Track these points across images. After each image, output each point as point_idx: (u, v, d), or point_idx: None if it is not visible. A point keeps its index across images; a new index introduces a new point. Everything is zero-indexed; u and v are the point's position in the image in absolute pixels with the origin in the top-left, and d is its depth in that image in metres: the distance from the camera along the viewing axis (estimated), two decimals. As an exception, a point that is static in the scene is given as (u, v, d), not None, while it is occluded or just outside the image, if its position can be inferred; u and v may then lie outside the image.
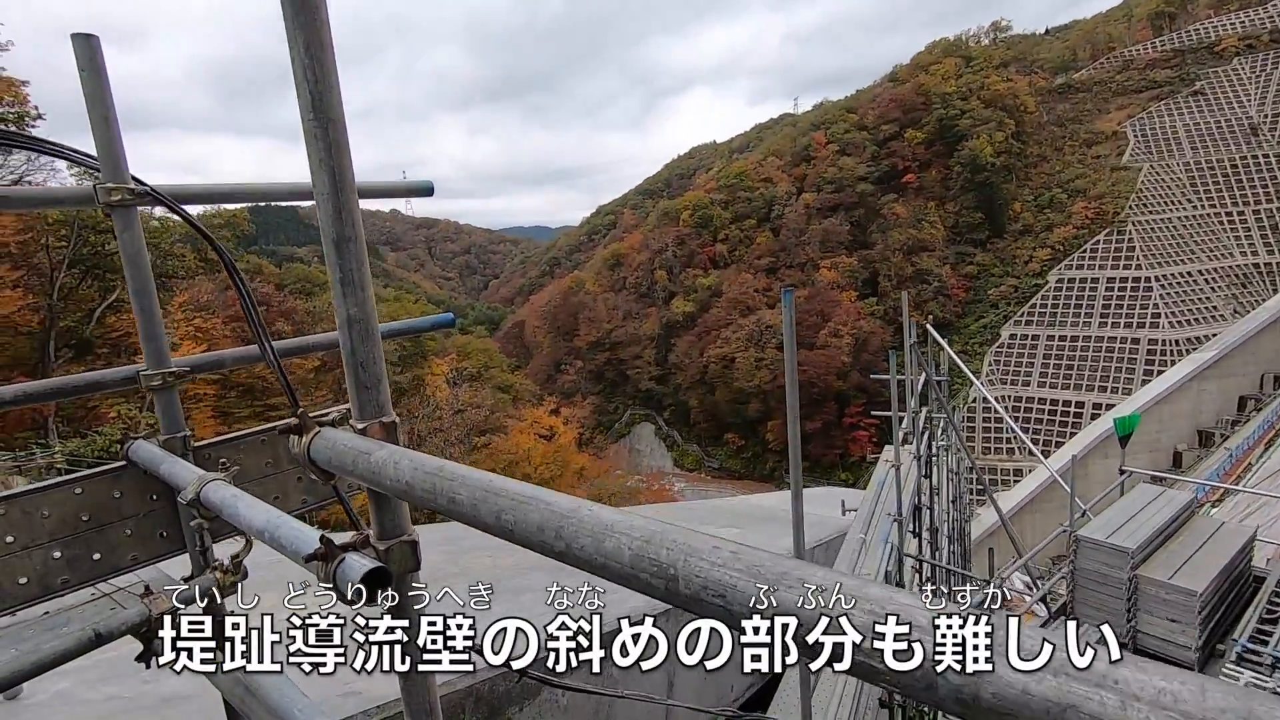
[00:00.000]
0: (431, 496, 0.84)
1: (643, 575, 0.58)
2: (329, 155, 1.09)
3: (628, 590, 0.76)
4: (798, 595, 0.49)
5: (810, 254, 72.85)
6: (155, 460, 1.87)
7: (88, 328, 28.61)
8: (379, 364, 1.15)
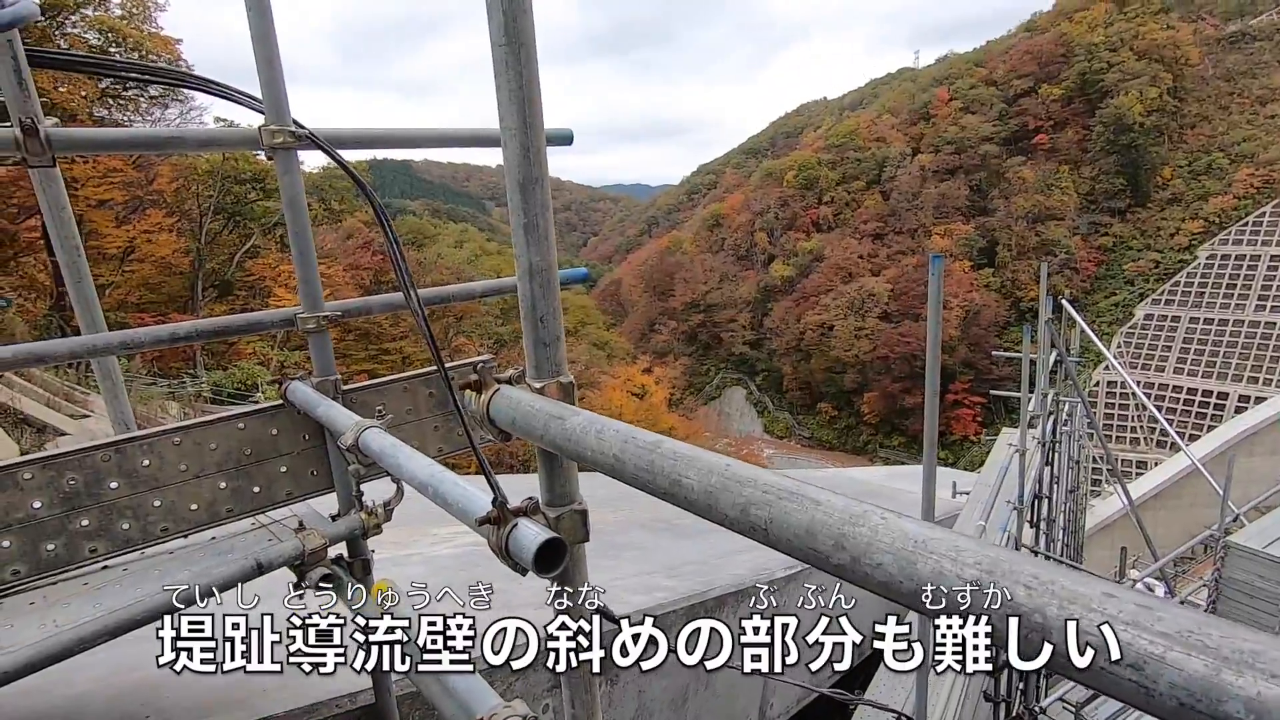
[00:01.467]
0: (649, 475, 0.74)
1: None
2: (520, 86, 0.99)
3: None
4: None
5: (922, 220, 68.69)
6: (312, 402, 1.91)
7: (229, 271, 31.23)
8: (558, 319, 1.06)
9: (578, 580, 1.17)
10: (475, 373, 1.07)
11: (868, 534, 0.53)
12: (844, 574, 0.55)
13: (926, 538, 0.50)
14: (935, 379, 3.27)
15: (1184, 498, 22.78)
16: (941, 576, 0.48)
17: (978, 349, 54.77)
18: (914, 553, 0.50)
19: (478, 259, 63.56)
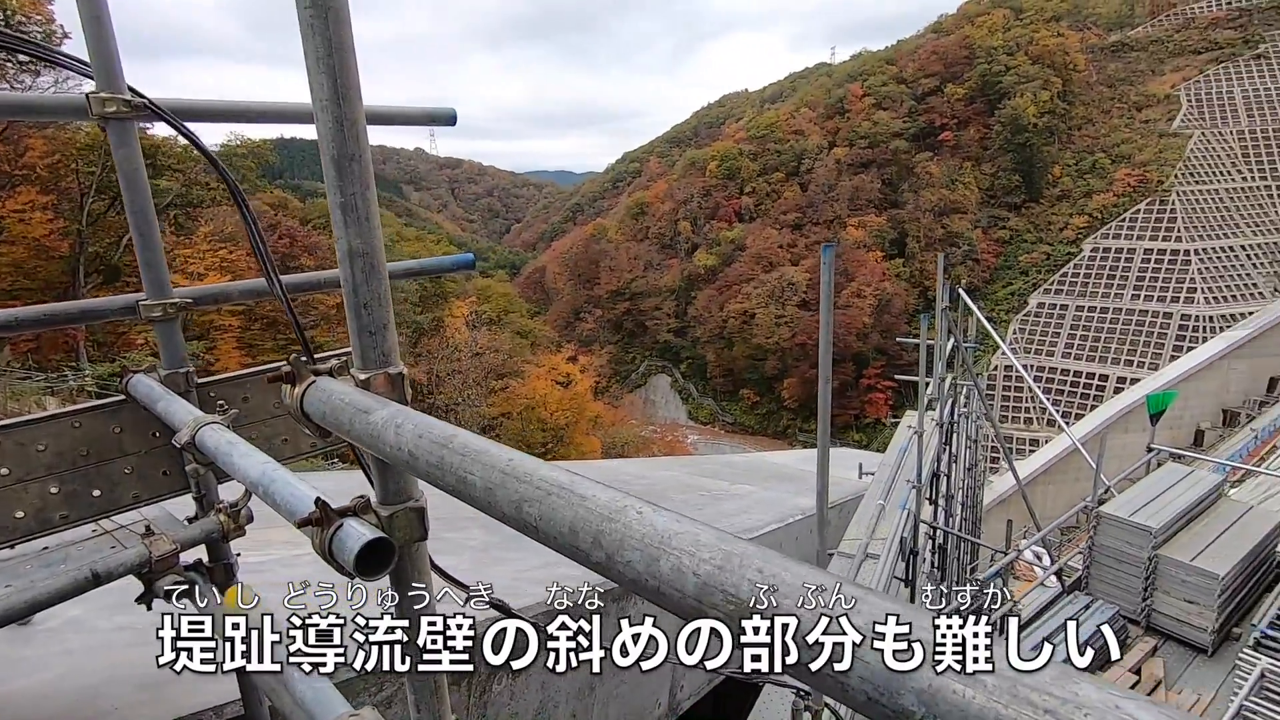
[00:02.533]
0: (438, 472, 0.69)
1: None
2: (329, 53, 0.91)
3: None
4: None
5: (838, 211, 71.13)
6: (153, 397, 1.76)
7: (116, 254, 28.84)
8: (386, 306, 0.99)
9: (418, 580, 1.11)
10: (288, 364, 0.99)
11: (621, 530, 0.50)
12: (604, 572, 0.52)
13: (672, 533, 0.48)
14: (828, 364, 3.36)
15: (1069, 473, 24.69)
16: (679, 573, 0.46)
17: (889, 335, 57.34)
18: (659, 549, 0.48)
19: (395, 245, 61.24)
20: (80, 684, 2.30)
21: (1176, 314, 46.94)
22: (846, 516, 9.15)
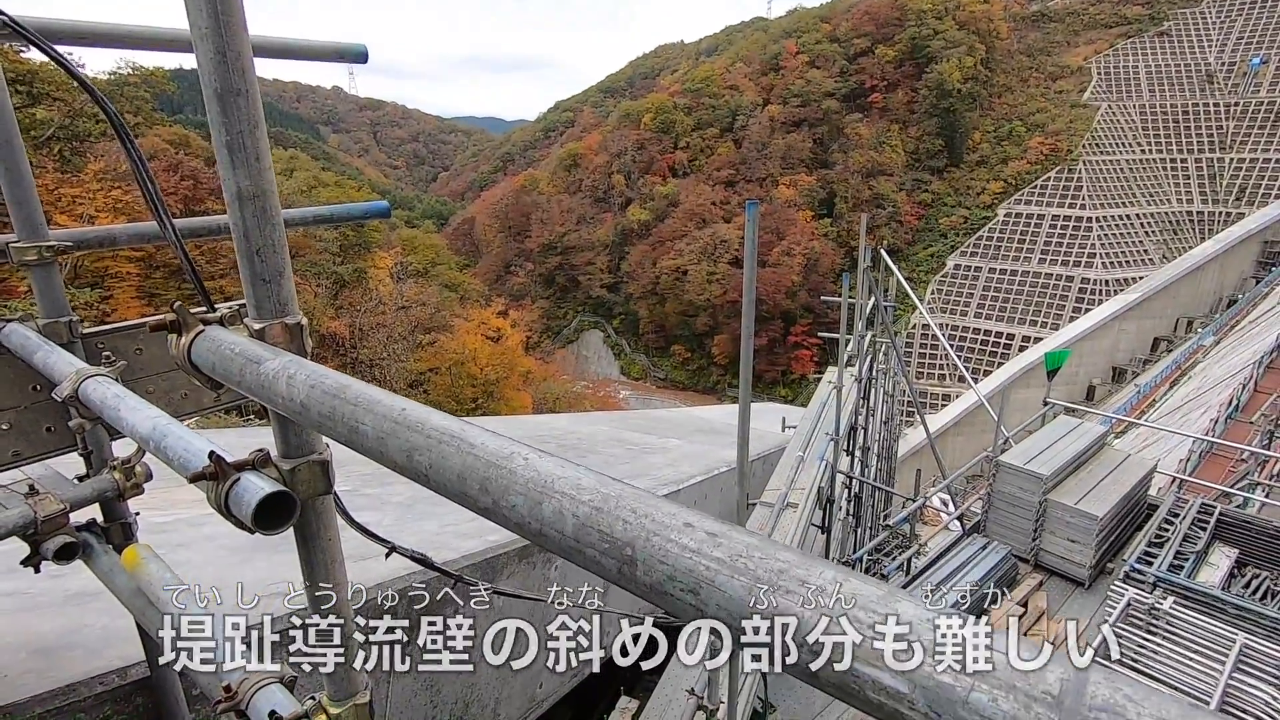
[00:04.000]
0: (331, 422, 0.68)
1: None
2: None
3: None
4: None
5: (771, 169, 71.73)
6: (30, 348, 1.63)
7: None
8: (281, 252, 0.95)
9: (324, 535, 1.10)
10: (172, 312, 0.94)
11: (507, 476, 0.51)
12: (492, 516, 0.53)
13: (555, 477, 0.49)
14: (750, 319, 3.44)
15: (976, 425, 26.36)
16: (560, 516, 0.47)
17: (817, 294, 58.92)
18: (542, 493, 0.49)
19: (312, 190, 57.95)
20: (-36, 652, 2.17)
21: (1078, 277, 50.15)
22: (770, 468, 9.51)
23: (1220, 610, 6.35)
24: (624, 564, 0.44)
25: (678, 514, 0.44)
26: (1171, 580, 6.78)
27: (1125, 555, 7.91)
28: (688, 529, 0.42)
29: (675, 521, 0.43)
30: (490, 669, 3.81)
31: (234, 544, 3.66)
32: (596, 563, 0.45)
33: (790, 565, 0.38)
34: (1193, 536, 7.78)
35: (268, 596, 3.02)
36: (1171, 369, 29.42)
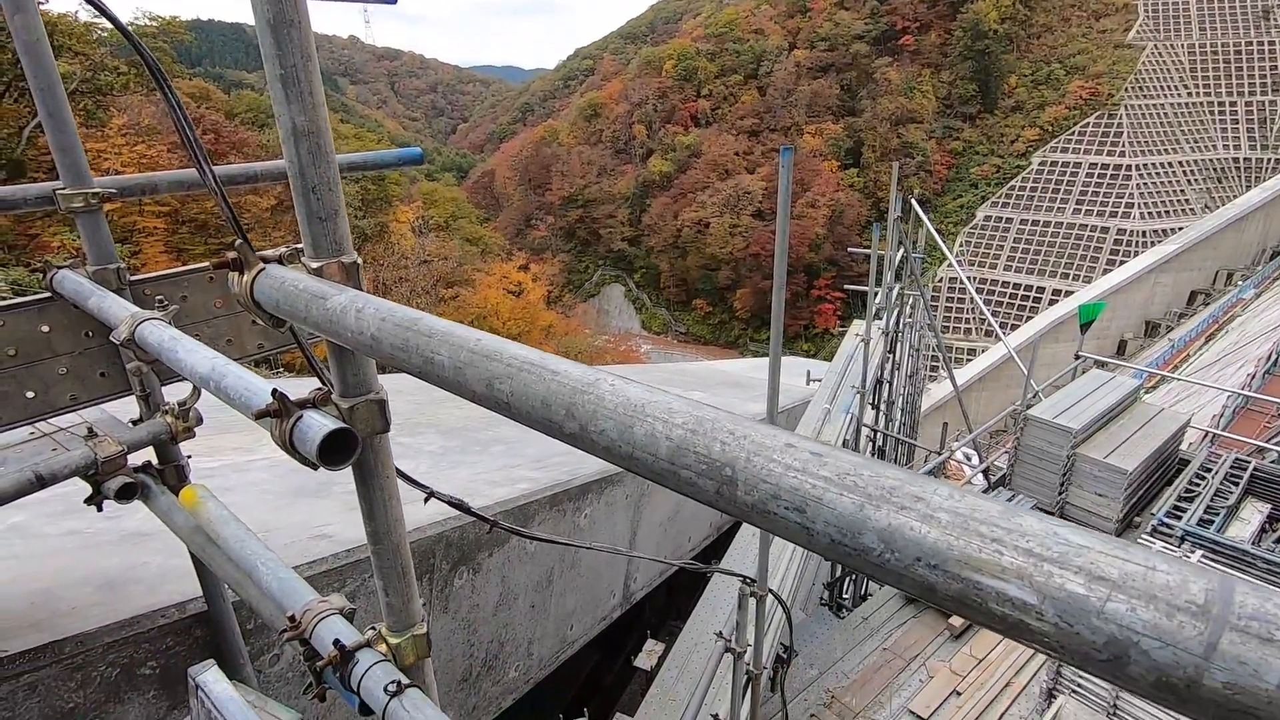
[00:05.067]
0: (404, 354, 0.68)
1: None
2: (258, -101, 0.82)
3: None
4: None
5: (796, 118, 69.68)
6: (83, 293, 1.66)
7: (18, 148, 26.37)
8: (335, 190, 0.94)
9: (381, 472, 1.12)
10: (235, 251, 0.94)
11: (594, 401, 0.51)
12: (577, 443, 0.54)
13: (646, 401, 0.49)
14: (783, 270, 3.39)
15: (1002, 380, 26.04)
16: (653, 439, 0.47)
17: (841, 246, 57.92)
18: (632, 417, 0.49)
19: (332, 144, 57.51)
20: (32, 588, 2.29)
21: (1113, 229, 48.60)
22: (794, 421, 9.53)
23: (1249, 565, 6.32)
24: (723, 484, 0.44)
25: (777, 435, 0.44)
26: (1199, 534, 6.73)
27: (1155, 509, 7.86)
28: (790, 449, 0.42)
29: (776, 442, 0.43)
30: (523, 610, 3.93)
31: (276, 490, 3.78)
32: (692, 484, 0.46)
33: (902, 483, 0.38)
34: (1224, 492, 7.69)
35: (312, 539, 3.13)
36: (1208, 323, 28.65)
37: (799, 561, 6.15)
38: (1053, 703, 5.17)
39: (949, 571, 0.34)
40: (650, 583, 5.83)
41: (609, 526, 5.01)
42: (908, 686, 6.08)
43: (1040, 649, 0.33)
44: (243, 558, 1.47)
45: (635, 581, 5.61)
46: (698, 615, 5.83)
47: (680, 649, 5.49)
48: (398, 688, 1.10)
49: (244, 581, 1.53)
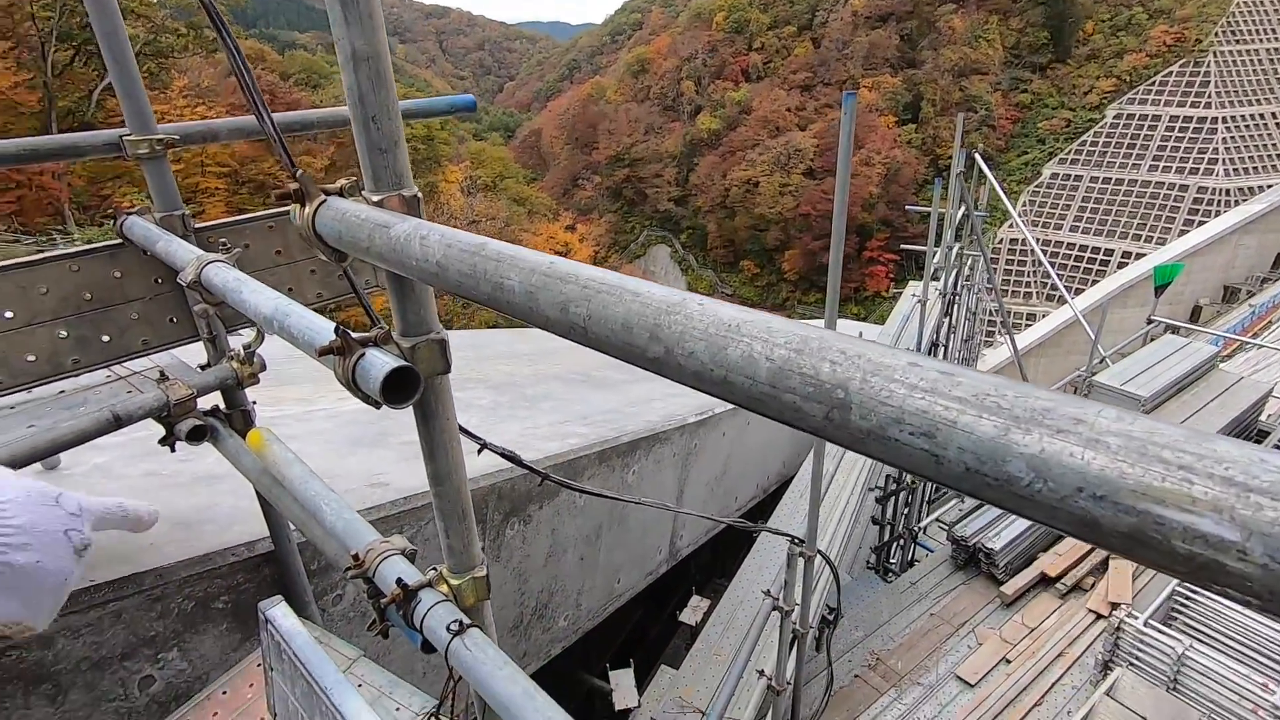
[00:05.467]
0: (472, 281, 0.65)
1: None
2: None
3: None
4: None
5: (851, 71, 66.84)
6: (151, 238, 1.69)
7: (89, 110, 27.39)
8: (395, 119, 0.91)
9: (442, 414, 1.11)
10: (296, 182, 0.92)
11: (682, 322, 0.47)
12: (660, 368, 0.50)
13: (740, 321, 0.45)
14: (842, 223, 3.26)
15: (1063, 346, 25.00)
16: (751, 360, 0.43)
17: (896, 206, 55.92)
18: (726, 337, 0.44)
19: (382, 104, 58.01)
20: (115, 522, 2.39)
21: (1193, 186, 45.53)
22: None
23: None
24: (833, 408, 0.39)
25: (898, 354, 0.39)
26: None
27: (1226, 482, 7.49)
28: (914, 368, 0.37)
29: (897, 361, 0.38)
30: (572, 562, 3.98)
31: (334, 439, 3.89)
32: (795, 409, 0.41)
33: (1056, 404, 0.33)
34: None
35: (369, 487, 3.21)
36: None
37: (847, 524, 6.09)
38: (1109, 674, 5.05)
39: (1120, 503, 0.29)
40: (697, 540, 5.86)
41: (657, 483, 5.03)
42: (955, 652, 6.02)
43: (1236, 593, 0.28)
44: (308, 499, 1.50)
45: (681, 539, 5.65)
46: (744, 573, 5.86)
47: (726, 605, 5.53)
48: (460, 627, 1.11)
49: (309, 521, 1.57)
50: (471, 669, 1.06)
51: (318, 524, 1.53)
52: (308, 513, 1.56)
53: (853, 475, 6.97)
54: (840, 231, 3.38)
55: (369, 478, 3.25)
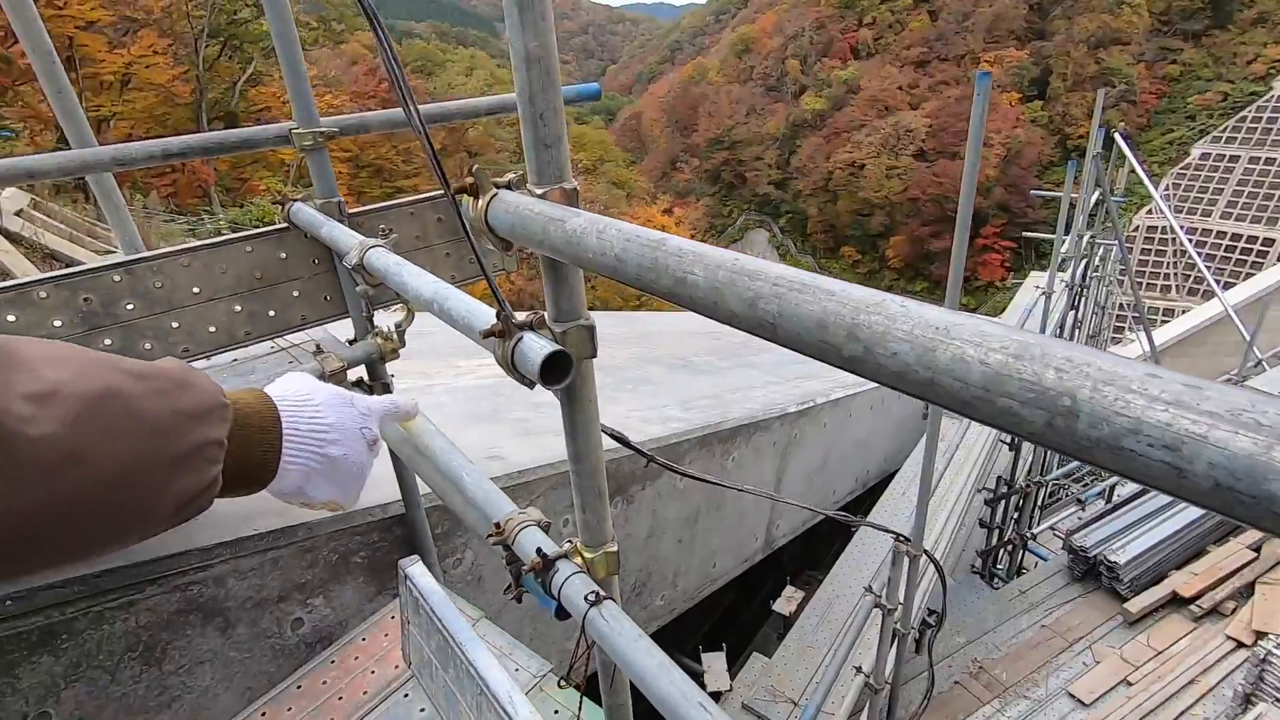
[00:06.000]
0: (653, 274, 0.69)
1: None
2: None
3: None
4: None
5: (971, 45, 62.68)
6: (315, 223, 1.85)
7: (233, 100, 29.89)
8: (560, 116, 0.96)
9: (585, 396, 1.17)
10: (471, 176, 0.99)
11: (884, 322, 0.48)
12: (856, 367, 0.51)
13: (949, 324, 0.45)
14: (969, 207, 3.10)
15: (1207, 345, 22.64)
16: (962, 363, 0.43)
17: (1015, 191, 52.24)
18: (934, 339, 0.45)
19: (489, 88, 60.01)
20: (270, 478, 2.64)
21: (1379, 168, 39.81)
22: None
23: None
24: (1057, 416, 0.39)
25: (1131, 363, 0.39)
26: None
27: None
28: (1153, 379, 0.37)
29: (1133, 372, 0.38)
30: (671, 544, 4.04)
31: (453, 413, 4.12)
32: (1012, 414, 0.41)
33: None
34: None
35: (487, 459, 3.38)
36: None
37: (954, 525, 5.84)
38: (1250, 708, 4.61)
39: None
40: (794, 530, 5.80)
41: (755, 471, 5.01)
42: (1068, 668, 5.67)
43: None
44: (450, 469, 1.62)
45: (778, 528, 5.61)
46: (840, 567, 5.75)
47: (821, 598, 5.46)
48: (597, 598, 1.16)
49: (449, 490, 1.68)
50: (608, 638, 1.12)
51: (458, 493, 1.64)
52: (449, 482, 1.68)
53: (961, 475, 6.66)
54: (966, 219, 3.23)
55: (486, 450, 3.43)
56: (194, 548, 2.04)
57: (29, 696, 1.79)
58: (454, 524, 2.77)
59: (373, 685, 1.88)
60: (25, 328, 1.77)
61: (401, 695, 1.86)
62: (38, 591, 1.77)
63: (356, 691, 1.85)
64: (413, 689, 1.89)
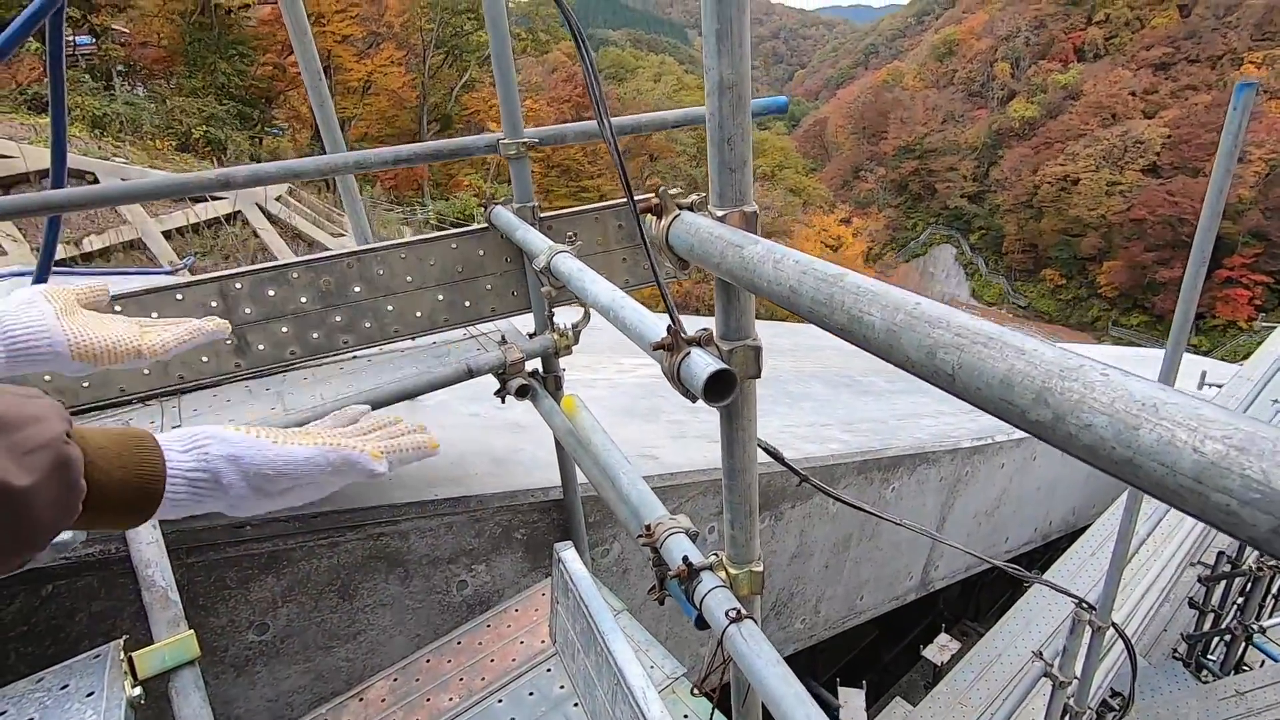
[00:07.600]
0: (826, 310, 0.69)
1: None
2: None
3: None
4: None
5: (1233, 43, 53.62)
6: (512, 226, 2.03)
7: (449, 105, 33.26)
8: (747, 141, 0.98)
9: (746, 414, 1.18)
10: (656, 197, 1.04)
11: (1080, 390, 0.45)
12: (1043, 432, 0.48)
13: (1159, 401, 0.41)
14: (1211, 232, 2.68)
15: None
16: (1171, 448, 0.39)
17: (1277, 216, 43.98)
18: (1138, 416, 0.41)
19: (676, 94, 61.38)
20: (452, 451, 2.94)
21: None
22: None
23: None
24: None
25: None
26: None
27: None
28: None
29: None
30: (817, 568, 3.90)
31: (612, 407, 4.30)
32: (1229, 514, 0.37)
33: None
34: None
35: (640, 457, 3.49)
36: None
37: (1153, 600, 5.07)
38: None
39: None
40: (953, 574, 5.37)
41: (917, 505, 4.70)
42: (1294, 794, 4.71)
43: None
44: (608, 464, 1.70)
45: (936, 569, 5.22)
46: (1006, 624, 5.23)
47: (980, 653, 5.00)
48: (738, 615, 1.17)
49: (605, 484, 1.77)
50: (745, 658, 1.12)
51: (613, 488, 1.72)
52: (606, 476, 1.77)
53: (1171, 544, 5.76)
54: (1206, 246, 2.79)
55: (641, 448, 3.55)
56: (386, 503, 2.34)
57: (256, 607, 2.15)
58: (606, 515, 2.90)
59: (521, 655, 2.03)
60: (280, 301, 2.13)
61: (545, 670, 1.98)
62: (269, 521, 2.12)
63: (506, 658, 2.01)
64: (555, 665, 2.01)
